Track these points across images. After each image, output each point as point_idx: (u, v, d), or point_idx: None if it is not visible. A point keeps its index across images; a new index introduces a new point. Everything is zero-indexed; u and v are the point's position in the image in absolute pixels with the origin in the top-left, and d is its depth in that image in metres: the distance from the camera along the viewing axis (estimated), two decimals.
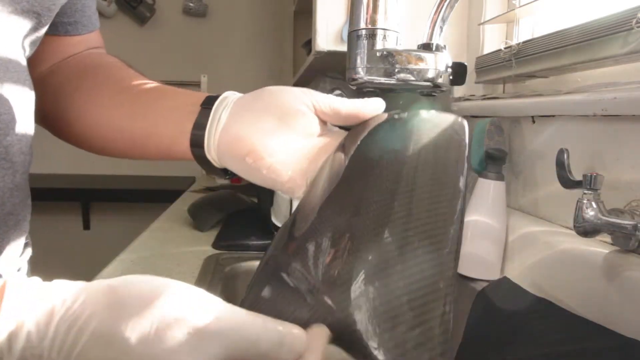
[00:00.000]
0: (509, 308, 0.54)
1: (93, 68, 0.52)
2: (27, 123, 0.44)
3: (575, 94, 0.56)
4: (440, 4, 0.59)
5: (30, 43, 0.44)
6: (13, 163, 0.42)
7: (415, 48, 0.61)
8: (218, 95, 0.43)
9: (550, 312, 0.49)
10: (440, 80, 0.59)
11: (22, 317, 0.23)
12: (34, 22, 0.43)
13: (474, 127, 0.71)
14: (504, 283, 0.61)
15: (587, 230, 0.46)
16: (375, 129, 0.37)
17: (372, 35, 0.57)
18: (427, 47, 0.60)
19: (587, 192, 0.46)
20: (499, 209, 0.65)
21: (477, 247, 0.65)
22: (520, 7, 0.76)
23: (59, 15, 0.50)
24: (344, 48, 0.76)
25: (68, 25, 0.52)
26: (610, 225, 0.44)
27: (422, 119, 0.36)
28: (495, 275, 0.65)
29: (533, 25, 0.80)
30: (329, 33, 1.02)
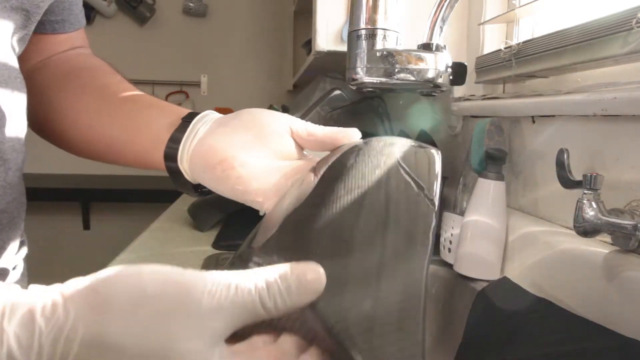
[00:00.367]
0: (509, 308, 0.54)
1: (79, 70, 0.53)
2: (19, 120, 0.44)
3: (575, 94, 0.56)
4: (440, 4, 0.59)
5: (19, 40, 0.44)
6: (5, 160, 0.42)
7: (415, 48, 0.61)
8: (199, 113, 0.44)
9: (550, 312, 0.49)
10: (440, 80, 0.59)
11: None
12: (23, 19, 0.43)
13: (474, 127, 0.71)
14: (504, 283, 0.61)
15: (587, 230, 0.46)
16: (347, 154, 0.36)
17: (372, 35, 0.57)
18: (427, 47, 0.60)
19: (587, 192, 0.46)
20: (499, 209, 0.65)
21: (477, 247, 0.65)
22: (520, 7, 0.76)
23: (47, 14, 0.50)
24: (344, 48, 0.76)
25: (55, 24, 0.52)
26: (610, 225, 0.44)
27: (394, 151, 0.36)
28: (495, 275, 0.65)
29: (533, 25, 0.80)
30: (329, 33, 1.02)
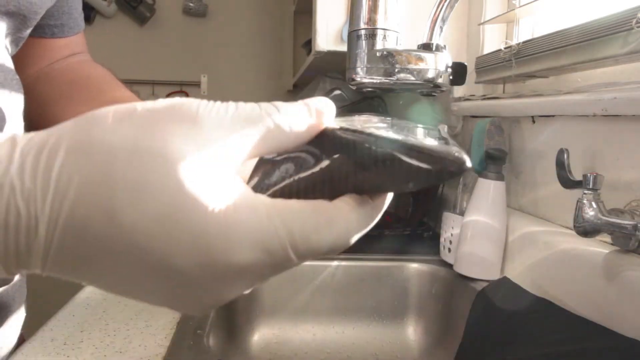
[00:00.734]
0: (509, 308, 0.54)
1: (82, 80, 0.53)
2: (16, 122, 0.44)
3: (575, 94, 0.56)
4: (440, 4, 0.59)
5: (12, 42, 0.44)
6: None
7: (415, 48, 0.61)
8: None
9: (550, 312, 0.49)
10: (440, 80, 0.59)
11: None
12: (18, 23, 0.43)
13: (474, 127, 0.71)
14: (504, 283, 0.61)
15: (587, 230, 0.46)
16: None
17: (372, 35, 0.57)
18: (427, 47, 0.60)
19: (587, 192, 0.46)
20: (499, 209, 0.65)
21: (477, 247, 0.65)
22: (520, 7, 0.76)
23: (46, 17, 0.50)
24: (344, 48, 0.76)
25: (55, 28, 0.52)
26: (610, 225, 0.44)
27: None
28: (495, 275, 0.65)
29: (533, 25, 0.80)
30: (329, 33, 1.02)
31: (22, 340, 0.48)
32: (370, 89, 0.62)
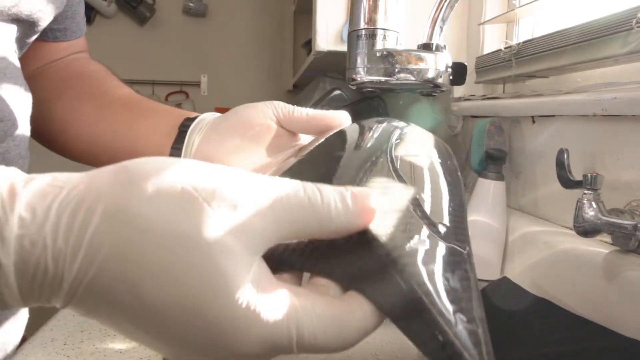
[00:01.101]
0: (509, 308, 0.54)
1: (78, 75, 0.53)
2: (25, 127, 0.44)
3: (575, 94, 0.56)
4: (440, 4, 0.59)
5: (18, 47, 0.44)
6: None
7: (415, 48, 0.61)
8: (197, 116, 0.44)
9: (550, 312, 0.49)
10: (440, 80, 0.59)
11: (5, 203, 0.19)
12: (27, 28, 0.43)
13: (474, 127, 0.71)
14: (504, 283, 0.61)
15: (587, 230, 0.46)
16: (336, 133, 0.36)
17: (372, 35, 0.57)
18: (427, 47, 0.60)
19: (587, 192, 0.46)
20: (499, 209, 0.65)
21: (477, 247, 0.65)
22: (520, 7, 0.76)
23: (50, 22, 0.50)
24: (344, 48, 0.76)
25: (57, 32, 0.52)
26: (610, 225, 0.44)
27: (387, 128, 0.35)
28: (495, 275, 0.65)
29: (533, 25, 0.80)
30: (329, 33, 1.02)
31: (23, 340, 0.48)
32: (370, 89, 0.62)
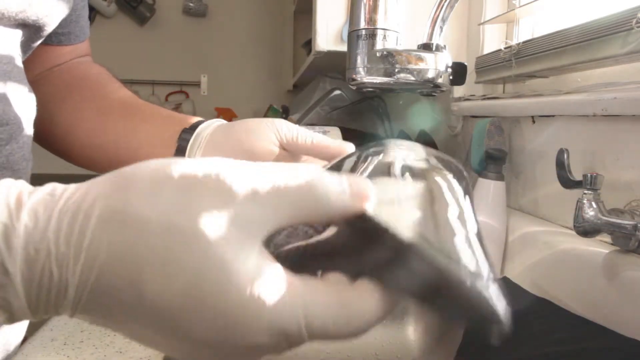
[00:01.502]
0: (509, 308, 0.54)
1: (80, 80, 0.53)
2: (28, 130, 0.44)
3: (575, 94, 0.56)
4: (440, 4, 0.59)
5: (23, 51, 0.44)
6: (15, 171, 0.42)
7: (415, 48, 0.61)
8: (196, 125, 0.44)
9: (550, 312, 0.49)
10: (440, 80, 0.59)
11: (12, 212, 0.19)
12: (32, 33, 0.43)
13: (474, 127, 0.71)
14: (504, 283, 0.61)
15: (587, 230, 0.46)
16: (342, 160, 0.35)
17: (372, 35, 0.57)
18: (427, 47, 0.60)
19: (587, 192, 0.46)
20: (499, 209, 0.65)
21: None
22: (520, 7, 0.76)
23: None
24: (344, 48, 0.76)
25: (61, 36, 0.52)
26: (610, 225, 0.44)
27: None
28: (495, 275, 0.65)
29: (533, 25, 0.80)
30: (329, 33, 1.02)
31: (23, 340, 0.48)
32: (370, 89, 0.62)
